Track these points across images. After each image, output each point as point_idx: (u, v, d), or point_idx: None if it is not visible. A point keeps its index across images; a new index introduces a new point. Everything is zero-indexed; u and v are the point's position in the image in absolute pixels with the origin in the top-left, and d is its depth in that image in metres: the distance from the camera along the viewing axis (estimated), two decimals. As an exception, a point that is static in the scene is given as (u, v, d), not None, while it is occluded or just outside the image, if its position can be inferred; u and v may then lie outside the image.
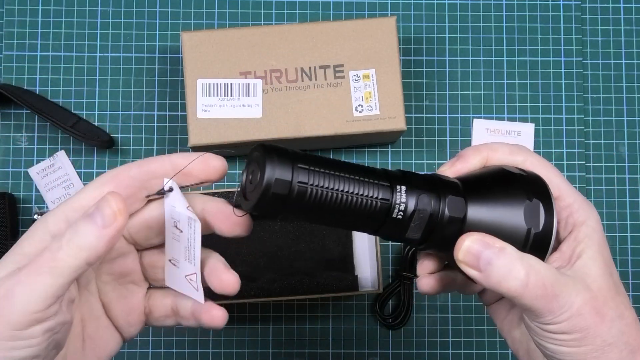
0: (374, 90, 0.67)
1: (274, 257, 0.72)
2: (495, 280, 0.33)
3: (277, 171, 0.31)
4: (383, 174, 0.34)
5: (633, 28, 0.77)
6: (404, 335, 0.73)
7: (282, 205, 0.32)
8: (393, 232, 0.35)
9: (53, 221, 0.32)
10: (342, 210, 0.33)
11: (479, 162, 0.38)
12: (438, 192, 0.35)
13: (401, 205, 0.33)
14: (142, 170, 0.34)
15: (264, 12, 0.76)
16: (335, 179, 0.32)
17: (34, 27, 0.75)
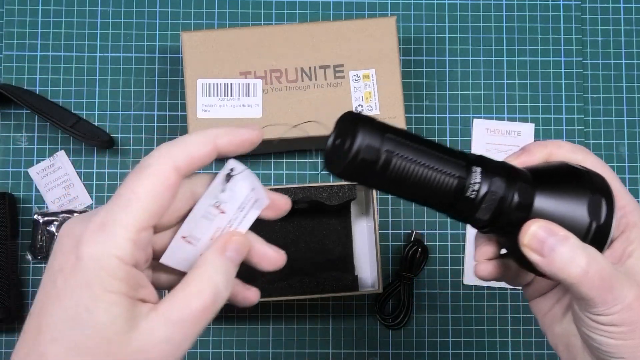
0: (374, 90, 0.67)
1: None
2: (557, 266, 0.34)
3: (368, 138, 0.33)
4: (460, 155, 0.36)
5: (633, 28, 0.77)
6: (404, 335, 0.73)
7: (368, 171, 0.33)
8: (463, 211, 0.36)
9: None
10: (420, 183, 0.34)
11: (543, 156, 0.39)
12: (510, 178, 0.36)
13: (475, 185, 0.35)
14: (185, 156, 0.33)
15: (264, 12, 0.76)
16: (419, 152, 0.34)
17: (34, 27, 0.75)
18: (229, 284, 0.33)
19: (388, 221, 0.74)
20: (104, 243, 0.30)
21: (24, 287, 0.72)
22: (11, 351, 0.73)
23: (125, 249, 0.30)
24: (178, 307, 0.31)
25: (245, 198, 0.35)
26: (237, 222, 0.36)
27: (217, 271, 0.32)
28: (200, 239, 0.35)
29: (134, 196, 0.30)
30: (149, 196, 0.31)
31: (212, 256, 0.33)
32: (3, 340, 0.71)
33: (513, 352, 0.73)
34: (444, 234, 0.74)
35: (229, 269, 0.33)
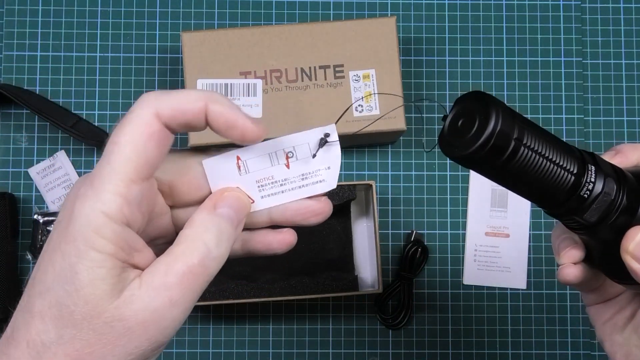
0: (374, 90, 0.67)
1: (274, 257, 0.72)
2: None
3: (502, 123, 0.30)
4: (576, 150, 0.34)
5: (633, 28, 0.77)
6: (404, 335, 0.73)
7: (493, 159, 0.31)
8: (571, 210, 0.34)
9: None
10: (540, 176, 0.32)
11: (636, 159, 0.38)
12: (619, 180, 0.34)
13: (589, 185, 0.33)
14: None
15: (264, 12, 0.76)
16: (545, 144, 0.32)
17: (34, 27, 0.75)
18: (222, 242, 0.30)
19: (388, 221, 0.74)
20: (92, 198, 0.28)
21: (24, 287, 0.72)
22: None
23: (111, 203, 0.28)
24: (160, 271, 0.28)
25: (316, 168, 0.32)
26: (290, 185, 0.32)
27: (206, 229, 0.30)
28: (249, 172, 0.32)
29: (116, 147, 0.28)
30: (131, 145, 0.28)
31: (200, 214, 0.30)
32: (3, 340, 0.71)
33: (513, 352, 0.73)
34: (444, 234, 0.74)
35: (222, 227, 0.30)
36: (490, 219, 0.74)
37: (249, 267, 0.71)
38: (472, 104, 0.32)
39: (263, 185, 0.32)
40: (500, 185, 0.34)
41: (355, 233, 0.72)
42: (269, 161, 0.32)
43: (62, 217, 0.29)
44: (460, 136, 0.32)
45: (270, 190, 0.33)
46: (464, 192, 0.75)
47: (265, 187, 0.32)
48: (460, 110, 0.32)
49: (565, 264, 0.39)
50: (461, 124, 0.32)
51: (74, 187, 0.30)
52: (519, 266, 0.74)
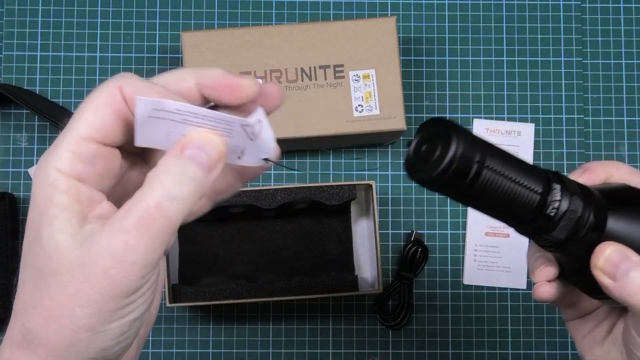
0: (374, 90, 0.67)
1: (274, 257, 0.72)
2: (628, 291, 0.34)
3: (462, 147, 0.31)
4: (542, 170, 0.35)
5: (633, 28, 0.77)
6: (404, 335, 0.73)
7: (456, 182, 0.32)
8: (539, 228, 0.35)
9: None
10: (504, 197, 0.33)
11: (604, 177, 0.39)
12: (586, 198, 0.35)
13: (555, 203, 0.34)
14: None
15: (264, 12, 0.76)
16: (508, 166, 0.33)
17: (34, 27, 0.75)
18: (183, 183, 0.28)
19: (388, 221, 0.74)
20: (47, 158, 0.29)
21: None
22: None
23: (62, 159, 0.28)
24: (119, 215, 0.28)
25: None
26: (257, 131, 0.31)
27: (167, 171, 0.28)
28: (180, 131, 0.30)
29: (78, 110, 0.29)
30: (91, 109, 0.29)
31: (165, 158, 0.29)
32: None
33: (513, 352, 0.73)
34: (444, 234, 0.74)
35: (186, 168, 0.29)
36: (490, 219, 0.74)
37: (249, 267, 0.71)
38: (434, 129, 0.33)
39: (253, 152, 0.32)
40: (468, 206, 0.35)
41: (355, 233, 0.72)
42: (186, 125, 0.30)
43: None
44: (424, 161, 0.33)
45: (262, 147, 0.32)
46: (464, 192, 0.75)
47: (256, 151, 0.32)
48: (424, 135, 0.33)
49: (539, 282, 0.39)
50: (425, 149, 0.33)
51: None
52: (519, 266, 0.74)
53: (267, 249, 0.72)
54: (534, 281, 0.40)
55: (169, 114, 0.29)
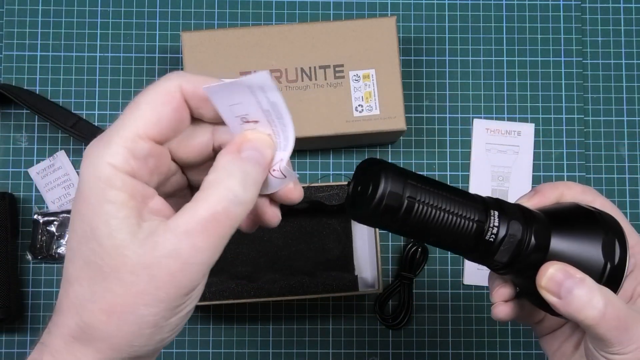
0: (374, 90, 0.67)
1: (274, 257, 0.72)
2: (574, 308, 0.35)
3: (391, 185, 0.33)
4: (479, 199, 0.37)
5: (633, 28, 0.77)
6: (404, 335, 0.73)
7: (390, 217, 0.34)
8: (482, 254, 0.37)
9: None
10: (441, 228, 0.35)
11: (555, 197, 0.40)
12: (526, 221, 0.37)
13: (494, 229, 0.36)
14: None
15: (264, 12, 0.76)
16: (440, 198, 0.35)
17: (34, 27, 0.75)
18: (248, 186, 0.29)
19: (388, 221, 0.74)
20: (99, 153, 0.29)
21: (24, 287, 0.72)
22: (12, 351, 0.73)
23: (118, 155, 0.28)
24: (184, 218, 0.28)
25: (253, 99, 0.31)
26: (275, 118, 0.31)
27: (231, 175, 0.29)
28: None
29: (134, 105, 0.29)
30: (147, 106, 0.29)
31: (223, 159, 0.30)
32: (3, 340, 0.71)
33: (513, 352, 0.73)
34: (444, 234, 0.74)
35: (249, 170, 0.29)
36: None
37: (249, 267, 0.71)
38: (369, 170, 0.35)
39: (277, 144, 0.32)
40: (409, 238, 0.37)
41: (355, 233, 0.73)
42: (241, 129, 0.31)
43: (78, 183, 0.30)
44: (360, 199, 0.35)
45: (280, 138, 0.32)
46: (464, 192, 0.75)
47: (279, 143, 0.32)
48: (360, 176, 0.36)
49: (496, 302, 0.41)
50: (360, 189, 0.35)
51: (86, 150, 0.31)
52: (519, 266, 0.74)
53: (267, 249, 0.72)
54: (491, 302, 0.42)
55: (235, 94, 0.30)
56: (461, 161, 0.75)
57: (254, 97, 0.30)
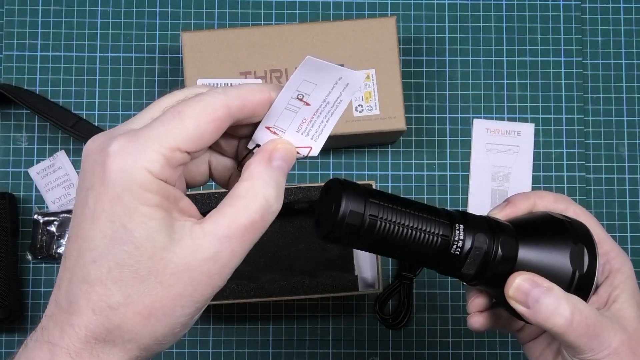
0: (374, 90, 0.67)
1: (274, 257, 0.72)
2: (542, 317, 0.36)
3: (352, 204, 0.34)
4: (444, 213, 0.37)
5: (633, 28, 0.77)
6: (404, 335, 0.73)
7: (353, 235, 0.35)
8: (450, 267, 0.37)
9: None
10: (406, 243, 0.36)
11: (527, 207, 0.41)
12: (493, 232, 0.37)
13: (459, 242, 0.36)
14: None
15: (264, 12, 0.76)
16: (403, 215, 0.35)
17: (34, 27, 0.75)
18: (280, 195, 0.31)
19: (388, 221, 0.74)
20: (134, 155, 0.28)
21: (24, 287, 0.72)
22: (11, 351, 0.73)
23: (155, 163, 0.28)
24: (225, 222, 0.29)
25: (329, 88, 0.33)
26: (325, 112, 0.34)
27: (267, 184, 0.30)
28: (286, 129, 0.34)
29: (179, 115, 0.29)
30: (194, 120, 0.29)
31: (259, 167, 0.31)
32: (3, 340, 0.71)
33: (513, 352, 0.73)
34: (444, 234, 0.74)
35: (279, 180, 0.31)
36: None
37: (250, 267, 0.71)
38: (331, 190, 0.36)
39: (306, 130, 0.34)
40: (376, 254, 0.37)
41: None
42: (291, 113, 0.33)
43: (93, 180, 0.29)
44: (324, 219, 0.36)
45: (314, 129, 0.34)
46: (464, 192, 0.75)
47: (309, 130, 0.34)
48: (325, 196, 0.37)
49: (471, 312, 0.42)
50: (325, 209, 0.36)
51: (95, 146, 0.30)
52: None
53: (267, 249, 0.72)
54: (467, 312, 0.42)
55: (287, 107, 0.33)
56: (461, 161, 0.75)
57: (332, 87, 0.32)
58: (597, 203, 0.75)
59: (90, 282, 0.28)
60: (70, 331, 0.29)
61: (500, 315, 0.42)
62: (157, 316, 0.28)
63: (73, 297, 0.29)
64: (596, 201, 0.75)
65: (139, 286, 0.28)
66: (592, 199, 0.75)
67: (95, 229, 0.28)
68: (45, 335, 0.29)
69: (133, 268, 0.28)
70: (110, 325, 0.28)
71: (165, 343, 0.30)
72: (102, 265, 0.28)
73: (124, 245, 0.28)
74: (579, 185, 0.75)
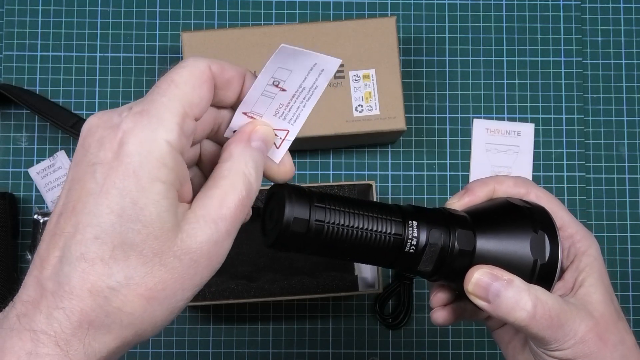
0: (374, 90, 0.67)
1: (274, 257, 0.72)
2: (503, 311, 0.35)
3: (296, 210, 0.33)
4: (396, 210, 0.36)
5: (633, 28, 0.77)
6: (404, 335, 0.73)
7: (301, 242, 0.34)
8: (406, 266, 0.36)
9: None
10: (357, 246, 0.35)
11: (485, 194, 0.39)
12: (448, 226, 0.36)
13: (413, 240, 0.35)
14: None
15: (264, 12, 0.76)
16: (351, 217, 0.34)
17: (34, 27, 0.75)
18: (258, 176, 0.31)
19: (388, 221, 0.74)
20: (151, 127, 0.27)
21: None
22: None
23: (172, 131, 0.28)
24: (215, 204, 0.29)
25: (304, 74, 0.33)
26: (302, 97, 0.34)
27: (247, 163, 0.30)
28: (264, 113, 0.34)
29: (173, 84, 0.29)
30: (188, 85, 0.29)
31: (238, 147, 0.31)
32: (3, 340, 0.71)
33: (513, 352, 0.73)
34: (444, 234, 0.74)
35: (258, 160, 0.31)
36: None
37: (250, 267, 0.71)
38: (274, 195, 0.35)
39: (283, 114, 0.34)
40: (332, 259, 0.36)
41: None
42: (267, 99, 0.33)
43: (102, 155, 0.27)
44: (269, 227, 0.35)
45: (290, 113, 0.34)
46: (464, 192, 0.75)
47: (286, 114, 0.34)
48: (270, 202, 0.35)
49: (434, 307, 0.41)
50: (269, 217, 0.35)
51: (99, 122, 0.29)
52: (519, 266, 0.74)
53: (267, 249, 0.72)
54: (431, 307, 0.41)
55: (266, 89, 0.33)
56: (461, 161, 0.75)
57: (307, 73, 0.33)
58: (597, 203, 0.75)
59: (89, 260, 0.27)
60: (60, 316, 0.26)
61: (465, 308, 0.41)
62: (159, 299, 0.28)
63: (64, 278, 0.27)
64: (596, 201, 0.75)
65: (142, 267, 0.27)
66: (592, 199, 0.75)
67: (102, 204, 0.27)
68: (24, 322, 0.27)
69: (139, 248, 0.27)
70: (109, 308, 0.27)
71: (160, 327, 0.29)
72: (106, 243, 0.27)
73: (132, 223, 0.27)
74: (579, 185, 0.75)
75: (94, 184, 0.27)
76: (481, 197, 0.39)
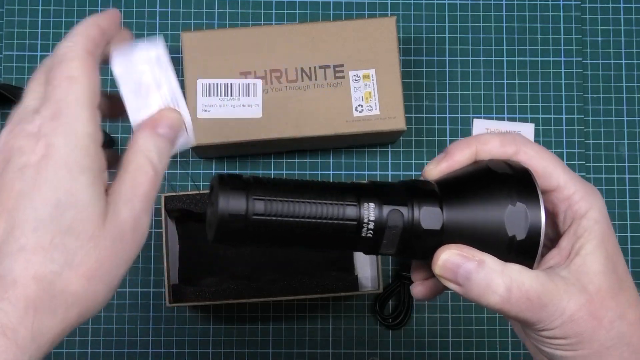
0: (374, 90, 0.67)
1: (274, 257, 0.72)
2: (475, 294, 0.32)
3: (231, 205, 0.31)
4: (351, 190, 0.33)
5: (633, 28, 0.77)
6: (404, 335, 0.73)
7: (242, 237, 0.32)
8: (368, 249, 0.34)
9: None
10: (308, 235, 0.32)
11: (467, 158, 0.35)
12: (412, 203, 0.33)
13: (370, 224, 0.32)
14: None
15: (264, 12, 0.76)
16: (295, 206, 0.31)
17: (34, 27, 0.75)
18: (162, 159, 0.33)
19: (388, 221, 0.74)
20: (70, 125, 0.30)
21: None
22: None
23: (91, 125, 0.31)
24: (127, 187, 0.32)
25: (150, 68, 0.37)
26: (166, 83, 0.37)
27: (149, 148, 0.33)
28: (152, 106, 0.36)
29: (73, 80, 0.32)
30: (85, 76, 0.32)
31: (142, 135, 0.34)
32: (3, 340, 0.71)
33: (513, 352, 0.73)
34: (444, 234, 0.74)
35: (161, 146, 0.34)
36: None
37: (249, 267, 0.71)
38: (213, 188, 0.33)
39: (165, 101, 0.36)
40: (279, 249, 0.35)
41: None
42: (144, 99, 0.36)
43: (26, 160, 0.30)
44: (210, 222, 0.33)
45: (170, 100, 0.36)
46: (464, 192, 0.75)
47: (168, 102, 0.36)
48: (211, 195, 0.34)
49: (415, 282, 0.38)
50: (211, 210, 0.33)
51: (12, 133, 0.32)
52: (519, 266, 0.74)
53: (267, 248, 0.72)
54: (412, 280, 0.39)
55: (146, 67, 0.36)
56: (461, 161, 0.75)
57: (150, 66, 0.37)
58: (597, 203, 0.75)
59: (29, 250, 0.29)
60: (5, 306, 0.28)
61: (437, 286, 0.38)
62: (98, 277, 0.30)
63: (7, 271, 0.28)
64: (596, 201, 0.75)
65: (80, 250, 0.29)
66: (592, 199, 0.75)
67: (37, 199, 0.29)
68: None
69: (75, 232, 0.29)
70: (54, 291, 0.29)
71: (102, 305, 0.31)
72: (46, 232, 0.29)
73: (67, 210, 0.29)
74: (579, 185, 0.75)
75: (24, 184, 0.29)
76: (461, 162, 0.35)
